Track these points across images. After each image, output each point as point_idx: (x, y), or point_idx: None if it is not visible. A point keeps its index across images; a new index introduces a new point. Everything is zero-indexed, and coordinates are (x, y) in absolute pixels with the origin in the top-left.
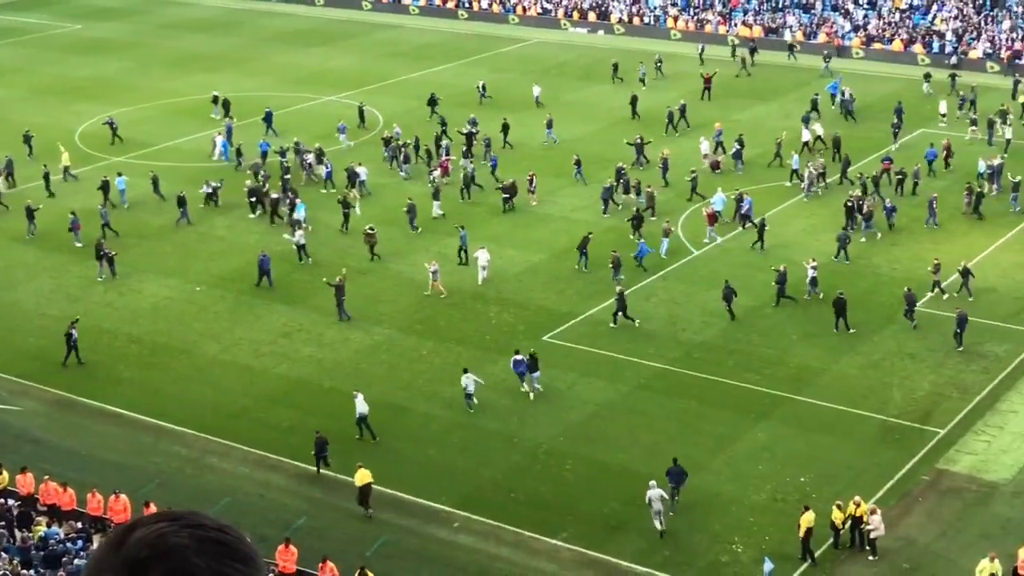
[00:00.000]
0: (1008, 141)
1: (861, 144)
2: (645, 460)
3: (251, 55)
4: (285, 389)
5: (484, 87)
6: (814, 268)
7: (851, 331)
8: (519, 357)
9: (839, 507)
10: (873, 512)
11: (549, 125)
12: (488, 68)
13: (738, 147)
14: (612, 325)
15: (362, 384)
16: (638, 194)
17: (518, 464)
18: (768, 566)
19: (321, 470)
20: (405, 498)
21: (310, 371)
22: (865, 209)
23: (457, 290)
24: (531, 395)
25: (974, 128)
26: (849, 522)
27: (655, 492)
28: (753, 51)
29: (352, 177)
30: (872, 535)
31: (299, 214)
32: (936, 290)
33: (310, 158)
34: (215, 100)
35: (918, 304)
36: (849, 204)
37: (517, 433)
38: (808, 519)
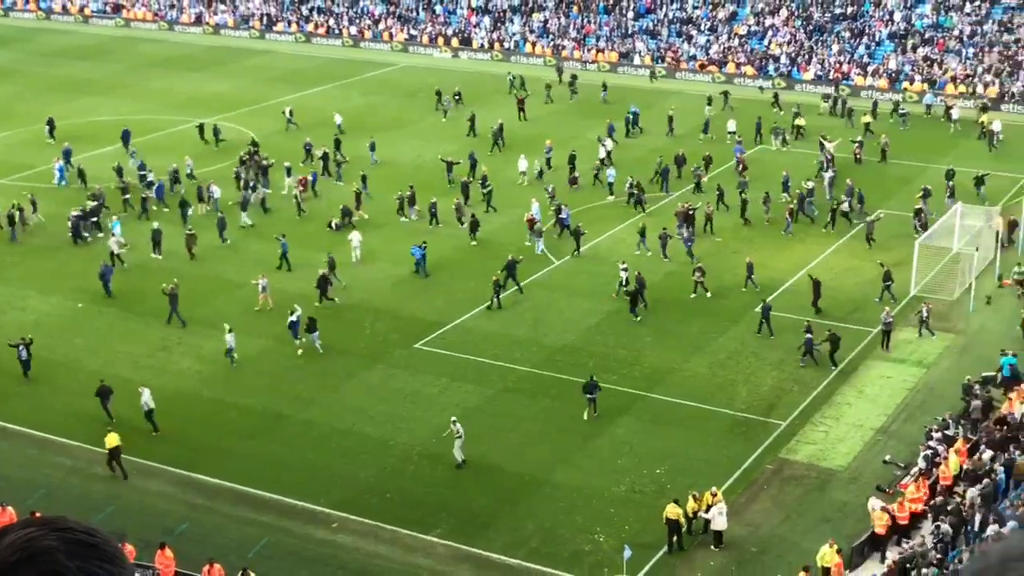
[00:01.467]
0: (832, 156)
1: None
2: (512, 458)
3: (130, 81)
4: (165, 400)
5: (291, 113)
6: (624, 270)
7: (637, 318)
8: (293, 318)
9: (695, 497)
10: (716, 503)
11: (372, 147)
12: (358, 91)
13: (570, 164)
14: (317, 304)
15: (243, 393)
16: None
17: (393, 466)
18: (627, 553)
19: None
20: (286, 501)
21: (190, 383)
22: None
23: (332, 302)
24: (300, 351)
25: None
26: (703, 511)
27: (458, 427)
28: (573, 80)
29: (201, 194)
30: (715, 527)
31: (115, 230)
32: (699, 290)
33: (151, 176)
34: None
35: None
36: (691, 212)
37: (392, 437)
38: (673, 511)
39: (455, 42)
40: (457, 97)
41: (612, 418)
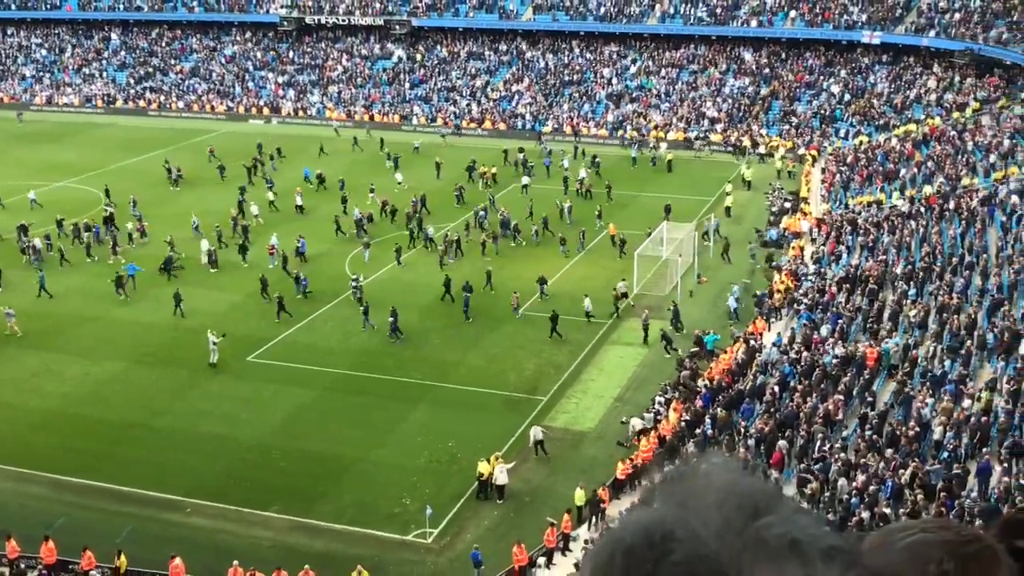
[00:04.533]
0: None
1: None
2: (333, 444)
3: None
4: (40, 418)
5: (35, 198)
6: (355, 282)
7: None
8: None
9: (487, 461)
10: (499, 463)
11: (134, 204)
12: (187, 154)
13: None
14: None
15: (104, 408)
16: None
17: (237, 457)
18: (428, 511)
19: None
20: (146, 493)
21: (59, 402)
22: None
23: (175, 326)
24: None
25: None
26: (489, 473)
27: (214, 341)
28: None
29: (26, 250)
30: (497, 482)
31: None
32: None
33: None
34: None
35: (521, 309)
36: (457, 240)
37: (233, 434)
38: (483, 468)
39: (266, 111)
40: (176, 169)
41: (412, 406)
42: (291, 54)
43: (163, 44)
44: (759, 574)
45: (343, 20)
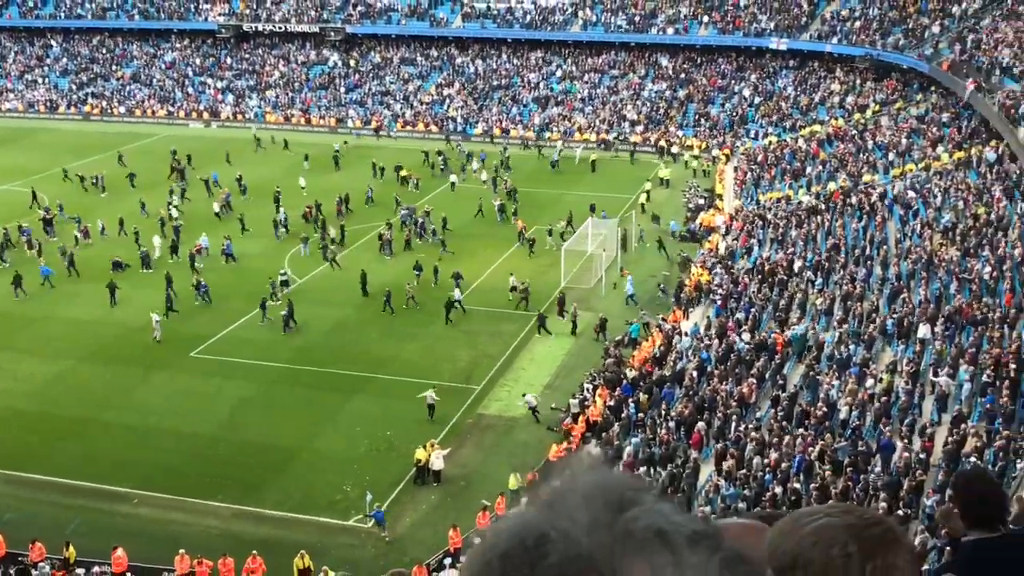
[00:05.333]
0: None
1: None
2: (277, 434)
3: None
4: None
5: None
6: (284, 275)
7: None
8: None
9: (424, 448)
10: (435, 450)
11: (60, 208)
12: (131, 156)
13: (226, 202)
14: None
15: (52, 405)
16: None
17: (182, 450)
18: (369, 497)
19: None
20: (95, 486)
21: (9, 400)
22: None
23: (121, 323)
24: None
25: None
26: (426, 460)
27: (156, 319)
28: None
29: None
30: (434, 467)
31: None
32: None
33: None
34: None
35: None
36: (389, 238)
37: (178, 427)
38: (420, 454)
39: (206, 115)
40: (120, 157)
41: (351, 397)
42: (229, 60)
43: (104, 51)
44: (630, 566)
45: (280, 27)
